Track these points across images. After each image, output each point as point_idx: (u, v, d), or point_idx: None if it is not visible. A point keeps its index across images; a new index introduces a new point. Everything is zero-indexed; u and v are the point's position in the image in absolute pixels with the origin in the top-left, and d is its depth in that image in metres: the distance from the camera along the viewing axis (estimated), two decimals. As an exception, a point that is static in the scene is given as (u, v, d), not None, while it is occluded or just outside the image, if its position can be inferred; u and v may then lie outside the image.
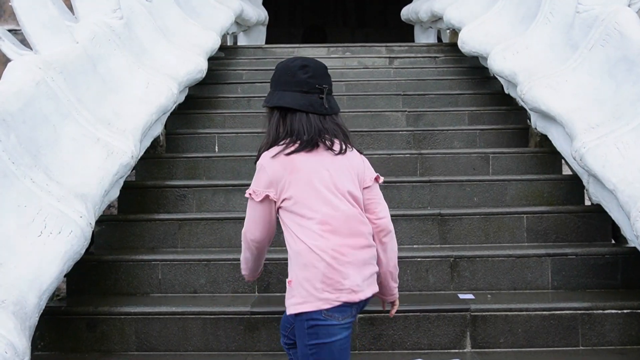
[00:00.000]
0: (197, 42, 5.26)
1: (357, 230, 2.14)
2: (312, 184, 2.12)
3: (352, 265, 2.08)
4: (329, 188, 2.13)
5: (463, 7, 6.19)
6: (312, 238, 2.09)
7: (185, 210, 4.03)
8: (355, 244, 2.12)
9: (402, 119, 5.02)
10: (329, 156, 2.18)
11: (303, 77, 2.20)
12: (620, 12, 3.76)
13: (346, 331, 2.08)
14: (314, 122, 2.17)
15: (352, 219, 2.14)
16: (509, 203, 4.00)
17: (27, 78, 3.17)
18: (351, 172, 2.21)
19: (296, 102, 2.18)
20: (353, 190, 2.18)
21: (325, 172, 2.15)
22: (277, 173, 2.15)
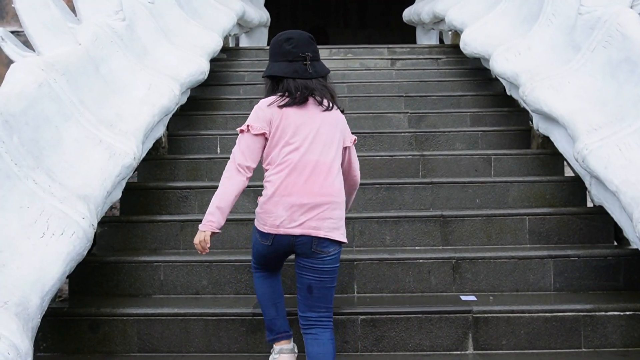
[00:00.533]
0: (199, 43, 5.27)
1: (323, 189, 2.50)
2: (294, 132, 2.50)
3: (294, 208, 2.49)
4: (312, 137, 2.49)
5: (465, 8, 6.18)
6: (278, 177, 2.51)
7: (187, 212, 4.03)
8: (311, 196, 2.48)
9: (404, 121, 5.02)
10: (317, 111, 2.56)
11: (287, 48, 2.57)
12: (623, 14, 3.75)
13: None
14: (300, 84, 2.55)
15: (323, 170, 2.50)
16: (511, 205, 4.00)
17: (30, 79, 3.17)
18: (337, 127, 2.58)
19: (282, 70, 2.57)
20: (335, 142, 2.54)
21: (312, 124, 2.52)
22: (271, 116, 2.55)
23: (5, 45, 3.62)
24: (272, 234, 2.54)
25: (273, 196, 2.52)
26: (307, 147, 2.50)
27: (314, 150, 2.51)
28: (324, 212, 2.50)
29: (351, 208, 3.89)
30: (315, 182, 2.50)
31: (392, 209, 3.96)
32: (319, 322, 2.55)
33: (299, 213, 2.48)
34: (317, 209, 2.49)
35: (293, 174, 2.50)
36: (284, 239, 2.53)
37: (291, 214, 2.49)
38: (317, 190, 2.50)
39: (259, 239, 2.62)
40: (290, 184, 2.50)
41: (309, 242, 2.49)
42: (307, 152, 2.50)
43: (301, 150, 2.50)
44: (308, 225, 2.48)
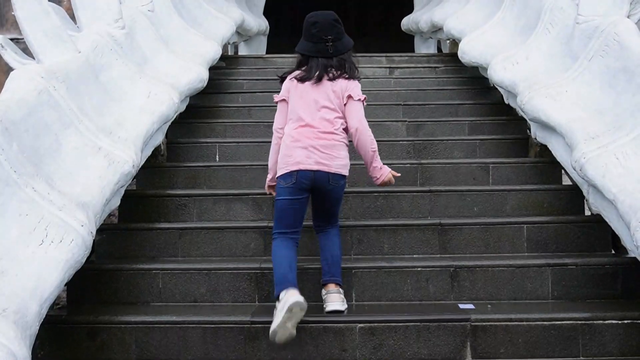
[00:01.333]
0: (198, 51, 5.29)
1: (323, 134, 3.13)
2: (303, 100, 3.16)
3: (304, 150, 3.10)
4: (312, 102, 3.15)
5: (463, 17, 6.22)
6: (294, 129, 3.15)
7: (186, 220, 4.03)
8: (315, 142, 3.11)
9: (403, 129, 5.03)
10: (325, 82, 3.16)
11: (313, 32, 3.17)
12: (620, 23, 3.78)
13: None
14: (321, 62, 3.16)
15: (321, 124, 3.14)
16: (509, 213, 4.00)
17: (30, 87, 3.18)
18: (334, 94, 3.16)
19: (308, 50, 3.20)
20: (331, 106, 3.15)
21: (313, 94, 3.16)
22: (289, 86, 3.22)
23: (5, 53, 3.64)
24: (294, 171, 3.08)
25: (291, 143, 3.13)
26: (314, 106, 3.15)
27: (319, 109, 3.15)
28: (331, 151, 3.12)
29: (349, 216, 3.94)
30: (322, 131, 3.13)
31: (390, 217, 3.97)
32: (329, 225, 3.28)
33: (312, 154, 3.09)
34: (325, 150, 3.11)
35: (305, 127, 3.13)
36: (304, 174, 3.08)
37: (307, 155, 3.09)
38: (324, 137, 3.13)
39: (282, 185, 3.13)
40: (302, 133, 3.12)
41: (325, 176, 3.11)
42: (314, 110, 3.14)
43: (310, 108, 3.15)
44: (321, 163, 3.10)
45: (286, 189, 3.12)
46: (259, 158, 4.63)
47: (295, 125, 3.15)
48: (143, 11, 4.72)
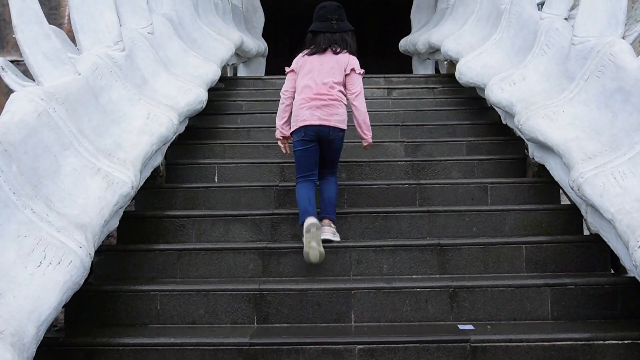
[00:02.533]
0: (197, 73, 5.32)
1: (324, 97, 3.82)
2: (310, 69, 3.87)
3: (309, 109, 3.81)
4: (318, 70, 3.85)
5: (460, 39, 6.27)
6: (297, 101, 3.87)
7: (184, 241, 4.03)
8: (318, 102, 3.80)
9: (401, 149, 5.05)
10: (329, 56, 3.89)
11: (321, 13, 3.93)
12: (615, 44, 3.82)
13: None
14: (327, 37, 3.90)
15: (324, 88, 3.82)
16: (507, 233, 4.00)
17: (29, 109, 3.20)
18: (337, 65, 3.86)
19: (317, 27, 3.93)
20: (333, 74, 3.84)
21: (319, 64, 3.87)
22: (298, 61, 3.96)
23: (5, 75, 3.66)
24: (302, 127, 3.81)
25: (299, 106, 3.84)
26: (315, 74, 3.84)
27: (319, 76, 3.84)
28: (330, 109, 3.81)
29: (347, 237, 3.94)
30: (322, 93, 3.82)
31: (389, 238, 3.97)
32: (329, 174, 3.95)
33: (314, 111, 3.80)
34: (325, 108, 3.80)
35: (307, 91, 3.83)
36: (311, 128, 3.80)
37: (311, 114, 3.80)
38: (324, 98, 3.81)
39: (296, 140, 3.86)
40: (306, 96, 3.82)
41: (326, 129, 3.80)
42: (315, 77, 3.84)
43: (313, 77, 3.84)
44: (323, 119, 3.80)
45: (298, 142, 3.85)
46: (258, 179, 4.64)
47: (303, 92, 3.85)
48: (143, 34, 4.76)
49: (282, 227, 4.01)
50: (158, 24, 5.13)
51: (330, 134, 3.81)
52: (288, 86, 3.95)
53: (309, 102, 3.81)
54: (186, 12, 6.01)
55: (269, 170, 4.70)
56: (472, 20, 6.41)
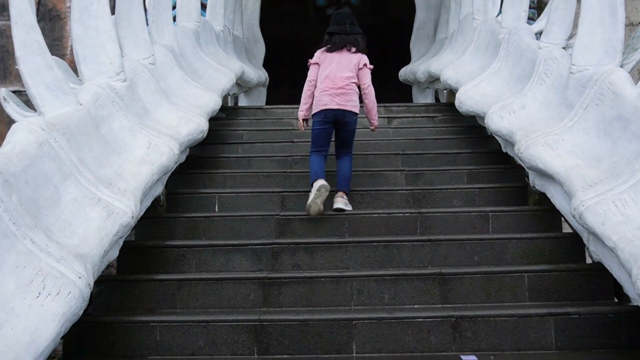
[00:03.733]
0: (198, 103, 5.35)
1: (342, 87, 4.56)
2: (329, 64, 4.63)
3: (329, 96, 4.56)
4: (335, 67, 4.60)
5: (459, 68, 6.32)
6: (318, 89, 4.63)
7: (184, 271, 4.01)
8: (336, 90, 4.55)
9: (402, 178, 5.05)
10: (345, 53, 4.64)
11: (337, 18, 4.75)
12: (614, 73, 3.84)
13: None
14: (342, 38, 4.65)
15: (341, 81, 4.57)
16: (509, 262, 3.98)
17: (31, 139, 3.21)
18: (350, 61, 4.63)
19: (334, 29, 4.70)
20: (349, 68, 4.61)
21: (337, 60, 4.63)
22: (319, 56, 4.70)
23: (7, 106, 3.69)
24: (323, 110, 4.55)
25: (320, 92, 4.58)
26: (334, 68, 4.60)
27: (338, 70, 4.59)
28: (346, 97, 4.56)
29: (349, 266, 3.92)
30: (338, 84, 4.56)
31: (390, 267, 3.94)
32: (344, 153, 4.65)
33: (333, 98, 4.54)
34: (342, 95, 4.55)
35: (328, 81, 4.58)
36: (329, 112, 4.54)
37: (330, 99, 4.54)
38: (340, 87, 4.56)
39: (315, 120, 4.60)
40: (327, 85, 4.57)
41: (342, 113, 4.54)
42: (334, 71, 4.60)
43: (332, 70, 4.60)
44: (340, 104, 4.54)
45: (318, 122, 4.59)
46: (259, 208, 4.63)
47: (324, 82, 4.60)
48: (145, 64, 4.80)
49: (282, 256, 3.99)
50: (160, 54, 5.18)
51: (345, 117, 4.56)
52: (312, 76, 4.70)
53: (329, 91, 4.56)
54: (188, 43, 6.07)
55: (269, 200, 4.70)
56: (471, 49, 6.47)
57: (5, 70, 8.05)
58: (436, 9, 9.22)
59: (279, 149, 5.78)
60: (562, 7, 4.79)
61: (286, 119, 6.72)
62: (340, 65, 4.60)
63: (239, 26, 8.56)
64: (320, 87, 4.60)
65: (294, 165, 5.40)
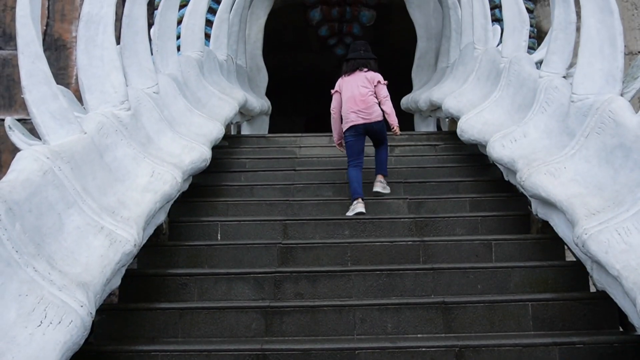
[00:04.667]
0: (201, 131, 5.39)
1: (361, 103, 5.26)
2: (349, 86, 5.32)
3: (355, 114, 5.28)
4: (354, 86, 5.30)
5: (461, 96, 6.37)
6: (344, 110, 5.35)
7: (186, 299, 3.98)
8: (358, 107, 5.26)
9: (404, 207, 5.05)
10: (359, 74, 5.35)
11: (354, 46, 5.62)
12: (614, 101, 3.87)
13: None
14: (356, 62, 5.41)
15: (359, 97, 5.27)
16: (513, 290, 3.96)
17: (35, 167, 3.23)
18: (365, 79, 5.33)
19: (350, 55, 5.49)
20: (365, 86, 5.30)
21: (354, 81, 5.33)
22: (340, 83, 5.43)
23: (12, 134, 3.72)
24: (352, 126, 5.28)
25: (347, 111, 5.30)
26: (353, 89, 5.30)
27: (356, 89, 5.29)
28: (368, 110, 5.28)
29: (351, 295, 3.90)
30: (361, 101, 5.27)
31: (393, 296, 3.92)
32: (380, 147, 5.43)
33: (358, 115, 5.27)
34: (364, 110, 5.27)
35: (351, 102, 5.29)
36: (359, 127, 5.27)
37: (356, 117, 5.27)
38: (363, 104, 5.27)
39: (346, 135, 5.33)
40: (351, 105, 5.29)
41: (369, 125, 5.29)
42: (354, 92, 5.29)
43: (353, 91, 5.30)
44: (365, 119, 5.27)
45: (349, 136, 5.31)
46: (261, 237, 4.63)
47: (348, 102, 5.30)
48: (149, 93, 4.84)
49: (285, 285, 3.97)
50: (164, 83, 5.23)
51: (373, 127, 5.30)
52: (335, 104, 5.42)
53: (353, 109, 5.28)
54: (191, 72, 6.13)
55: (271, 228, 4.69)
56: (472, 78, 6.53)
57: (10, 98, 8.11)
58: (437, 38, 9.31)
59: (281, 177, 5.79)
60: (562, 37, 4.85)
61: (288, 147, 6.75)
62: (356, 85, 5.30)
63: (242, 55, 8.66)
64: (345, 107, 5.32)
65: (296, 193, 5.41)
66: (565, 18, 4.82)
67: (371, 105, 5.26)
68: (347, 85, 5.31)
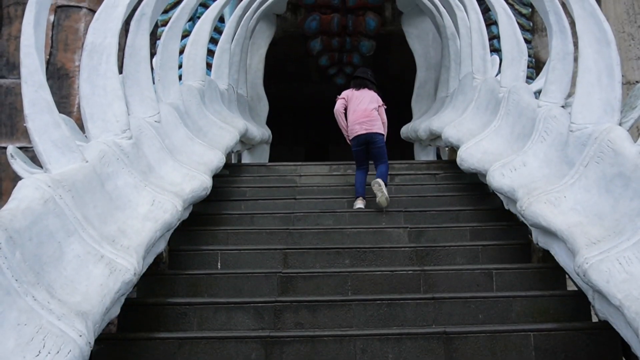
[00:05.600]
0: (202, 160, 5.41)
1: (367, 116, 5.96)
2: (358, 100, 6.03)
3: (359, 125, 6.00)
4: (360, 102, 6.01)
5: (460, 126, 6.40)
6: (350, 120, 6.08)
7: (186, 329, 3.95)
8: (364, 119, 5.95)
9: (404, 236, 5.04)
10: (367, 91, 6.08)
11: (360, 70, 6.48)
12: (612, 131, 3.89)
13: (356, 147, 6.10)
14: (364, 82, 6.14)
15: (366, 112, 5.97)
16: (514, 320, 3.93)
17: (36, 196, 3.24)
18: (372, 97, 6.05)
19: (360, 74, 6.27)
20: (372, 103, 6.01)
21: (363, 97, 6.04)
22: (348, 94, 6.12)
23: (14, 162, 3.73)
24: (356, 136, 5.98)
25: (352, 122, 6.01)
26: (361, 103, 6.01)
27: (363, 104, 6.01)
28: (372, 122, 5.98)
29: (352, 324, 3.88)
30: (366, 115, 5.97)
31: (394, 326, 3.89)
32: (380, 162, 5.93)
33: (362, 126, 5.96)
34: (368, 122, 5.97)
35: (358, 113, 6.00)
36: (361, 137, 5.97)
37: (360, 127, 5.96)
38: (367, 117, 5.97)
39: (353, 144, 6.03)
40: (357, 116, 6.00)
41: (370, 135, 5.96)
42: (362, 105, 6.01)
43: (360, 104, 6.02)
44: (367, 129, 5.96)
45: (354, 144, 6.02)
46: (261, 266, 4.61)
47: (355, 114, 6.00)
48: (150, 122, 4.88)
49: (285, 315, 3.95)
50: (165, 112, 5.27)
51: (373, 137, 5.94)
52: (339, 107, 6.08)
53: (358, 120, 5.97)
54: (193, 101, 6.18)
55: (272, 257, 4.68)
56: (471, 108, 6.58)
57: (12, 127, 8.16)
58: (436, 68, 9.41)
59: (281, 206, 5.79)
60: (560, 67, 4.90)
61: (289, 175, 6.77)
62: (365, 100, 6.04)
63: (243, 85, 8.73)
64: (352, 118, 6.01)
65: (296, 222, 5.40)
66: (563, 48, 4.88)
67: (375, 119, 5.98)
68: (356, 99, 6.02)
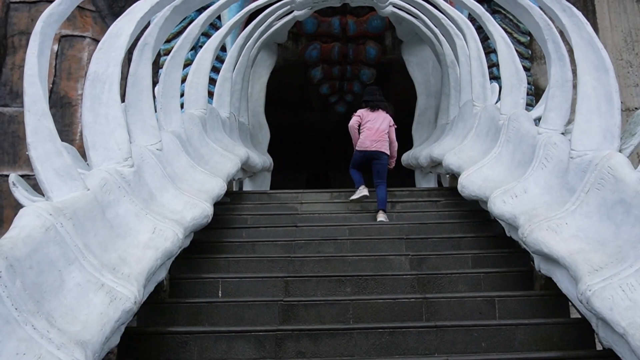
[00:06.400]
0: (203, 188, 5.41)
1: (379, 137, 6.65)
2: (369, 121, 6.71)
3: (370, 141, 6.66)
4: (374, 122, 6.69)
5: (461, 153, 6.42)
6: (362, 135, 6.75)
7: (186, 358, 3.92)
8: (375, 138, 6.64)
9: (406, 263, 5.02)
10: (382, 112, 6.75)
11: (370, 91, 7.01)
12: (613, 157, 3.90)
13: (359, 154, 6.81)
14: (377, 103, 6.78)
15: (378, 132, 6.66)
16: (518, 348, 3.89)
17: (37, 224, 3.24)
18: (385, 119, 6.73)
19: (370, 98, 6.86)
20: (385, 124, 6.70)
21: (379, 118, 6.72)
22: (362, 114, 6.78)
23: (16, 190, 3.74)
24: (363, 150, 6.62)
25: (364, 138, 6.62)
26: (376, 123, 6.64)
27: (377, 124, 6.63)
28: (381, 143, 6.61)
29: (353, 353, 3.84)
30: (380, 136, 6.60)
31: (396, 355, 3.85)
32: (380, 183, 6.44)
33: (373, 143, 6.59)
34: (378, 142, 6.60)
35: (371, 131, 6.61)
36: (368, 152, 6.59)
37: (370, 143, 6.59)
38: (380, 137, 6.60)
39: (358, 153, 6.67)
40: (369, 134, 6.62)
41: (377, 153, 6.58)
42: (376, 125, 6.63)
43: (375, 124, 6.64)
44: (376, 147, 6.59)
45: (358, 152, 6.67)
46: (263, 294, 4.59)
47: (367, 131, 6.61)
48: (152, 150, 4.90)
49: (286, 343, 3.92)
50: (167, 140, 5.29)
51: (379, 155, 6.57)
52: (354, 123, 6.70)
53: (370, 137, 6.59)
54: (194, 129, 6.21)
55: (273, 285, 4.66)
56: (471, 135, 6.60)
57: (15, 155, 8.20)
58: (437, 96, 9.47)
59: (283, 234, 5.78)
60: (559, 95, 4.93)
61: (290, 203, 6.77)
62: (378, 121, 6.64)
63: (244, 113, 8.78)
64: (364, 135, 6.62)
65: (297, 249, 5.39)
66: (562, 76, 4.92)
67: (385, 141, 6.64)
68: (370, 118, 6.66)
